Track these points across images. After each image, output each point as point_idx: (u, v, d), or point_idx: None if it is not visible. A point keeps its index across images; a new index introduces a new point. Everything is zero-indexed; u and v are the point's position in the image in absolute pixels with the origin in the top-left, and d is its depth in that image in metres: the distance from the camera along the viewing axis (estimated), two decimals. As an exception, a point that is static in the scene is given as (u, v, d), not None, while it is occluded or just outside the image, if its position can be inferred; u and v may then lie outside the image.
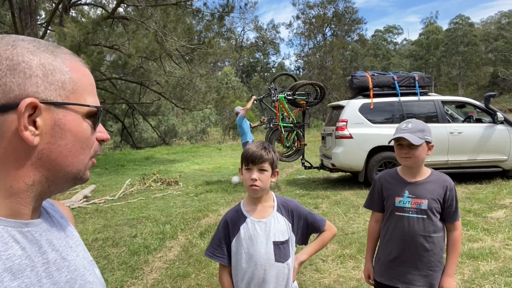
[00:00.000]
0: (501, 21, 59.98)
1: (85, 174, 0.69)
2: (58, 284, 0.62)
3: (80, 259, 0.71)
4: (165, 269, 3.93)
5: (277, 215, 1.68)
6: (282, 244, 1.63)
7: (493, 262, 3.63)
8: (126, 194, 7.80)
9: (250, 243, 1.62)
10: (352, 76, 7.62)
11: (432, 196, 1.88)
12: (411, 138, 1.83)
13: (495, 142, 7.05)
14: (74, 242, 0.74)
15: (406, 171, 1.97)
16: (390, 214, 1.96)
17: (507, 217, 4.93)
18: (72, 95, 0.64)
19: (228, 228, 1.68)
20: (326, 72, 37.41)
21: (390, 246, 1.95)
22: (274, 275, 1.60)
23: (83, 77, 0.66)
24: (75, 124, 0.64)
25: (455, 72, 56.04)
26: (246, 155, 1.67)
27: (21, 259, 0.58)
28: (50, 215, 0.73)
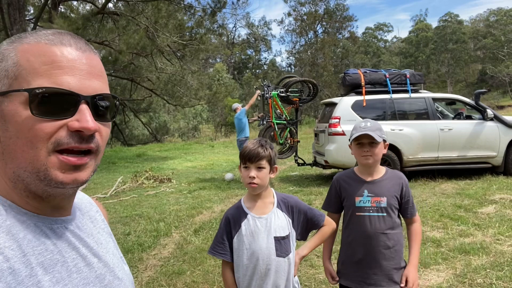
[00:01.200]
0: (490, 18, 60.67)
1: (49, 173, 0.58)
2: (87, 279, 0.63)
3: (110, 256, 0.71)
4: (160, 267, 3.93)
5: (277, 211, 1.70)
6: (283, 239, 1.65)
7: (485, 257, 3.69)
8: (118, 192, 7.75)
9: (252, 239, 1.64)
10: (344, 74, 7.66)
11: (390, 193, 1.90)
12: (374, 134, 1.85)
13: (485, 139, 7.16)
14: (105, 238, 0.75)
15: (363, 171, 1.98)
16: (351, 215, 1.95)
17: (497, 213, 5.02)
18: (15, 81, 0.57)
19: (229, 225, 1.70)
20: (318, 69, 37.49)
21: (353, 247, 1.94)
22: (275, 270, 1.62)
23: (33, 58, 0.57)
24: (13, 114, 0.56)
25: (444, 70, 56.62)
26: (243, 153, 1.69)
27: (53, 254, 0.59)
28: (82, 211, 0.73)
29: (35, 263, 0.56)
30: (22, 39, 0.60)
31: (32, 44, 0.59)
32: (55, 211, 0.64)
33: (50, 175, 0.58)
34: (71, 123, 0.58)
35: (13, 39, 0.61)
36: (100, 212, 0.80)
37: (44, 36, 0.60)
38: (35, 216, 0.61)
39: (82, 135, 0.59)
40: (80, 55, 0.61)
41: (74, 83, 0.58)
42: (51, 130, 0.57)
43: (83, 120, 0.58)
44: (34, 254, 0.56)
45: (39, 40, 0.59)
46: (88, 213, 0.75)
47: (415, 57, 58.81)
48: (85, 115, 0.59)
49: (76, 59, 0.60)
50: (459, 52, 55.69)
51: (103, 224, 0.77)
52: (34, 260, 0.56)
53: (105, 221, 0.79)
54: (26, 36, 0.60)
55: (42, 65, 0.57)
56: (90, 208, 0.77)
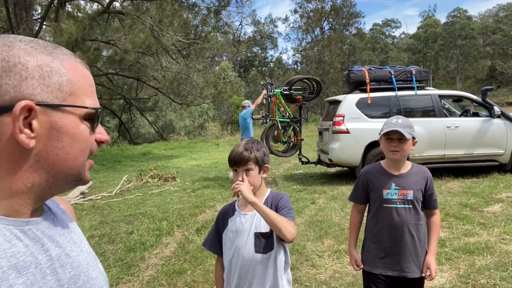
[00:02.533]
0: (499, 14, 59.81)
1: (85, 175, 0.68)
2: (62, 280, 0.63)
3: (83, 255, 0.71)
4: (161, 266, 3.93)
5: None
6: (264, 236, 1.65)
7: (489, 257, 3.63)
8: (123, 190, 7.78)
9: (236, 235, 1.67)
10: (349, 71, 7.59)
11: (416, 187, 2.01)
12: (404, 131, 1.94)
13: (492, 136, 7.05)
14: (78, 237, 0.74)
15: (391, 165, 2.08)
16: (378, 206, 2.06)
17: (503, 211, 4.94)
18: (70, 97, 0.63)
19: (221, 220, 1.77)
20: (324, 66, 37.33)
21: (380, 236, 2.05)
22: (253, 266, 1.63)
23: (82, 79, 0.66)
24: (72, 126, 0.63)
25: (453, 66, 56.12)
26: (230, 158, 1.72)
27: (25, 256, 0.58)
28: (52, 211, 0.73)
29: (7, 266, 0.55)
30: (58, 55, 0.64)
31: (73, 63, 0.66)
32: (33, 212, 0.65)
33: (86, 175, 0.69)
34: (100, 136, 0.70)
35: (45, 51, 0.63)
36: (66, 212, 0.80)
37: (73, 56, 0.67)
38: (4, 219, 0.60)
39: (101, 144, 0.71)
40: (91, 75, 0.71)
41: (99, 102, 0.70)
42: (93, 141, 0.69)
43: (103, 132, 0.71)
44: (5, 257, 0.56)
45: (75, 60, 0.67)
46: (57, 214, 0.74)
47: (423, 53, 58.30)
48: (101, 128, 0.71)
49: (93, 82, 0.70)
50: (468, 48, 55.11)
51: (72, 224, 0.77)
52: (6, 263, 0.55)
53: (73, 221, 0.79)
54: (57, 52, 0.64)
55: (88, 87, 0.67)
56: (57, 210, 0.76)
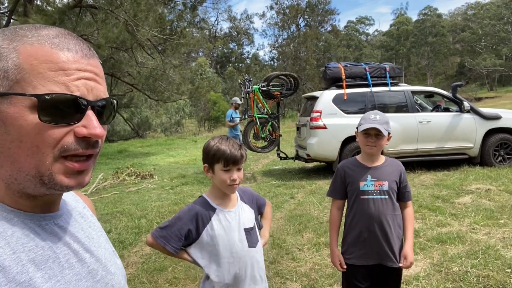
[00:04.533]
0: (468, 12, 61.87)
1: (54, 178, 0.58)
2: (80, 275, 0.62)
3: (102, 250, 0.71)
4: (141, 264, 3.90)
5: (242, 204, 1.75)
6: (251, 230, 1.70)
7: (460, 246, 3.79)
8: (99, 189, 7.64)
9: (224, 233, 1.63)
10: (325, 67, 7.70)
11: (391, 178, 2.09)
12: (382, 128, 2.00)
13: (462, 131, 7.32)
14: (96, 233, 0.73)
15: (366, 158, 2.15)
16: (355, 198, 2.11)
17: (473, 202, 5.15)
18: (17, 85, 0.55)
19: (197, 221, 1.65)
20: (300, 62, 37.61)
21: (358, 228, 2.10)
22: (250, 261, 1.66)
23: (36, 62, 0.56)
24: (17, 117, 0.55)
25: (424, 62, 57.67)
26: (224, 156, 1.62)
27: (43, 250, 0.58)
28: (71, 206, 0.72)
29: (26, 259, 0.55)
30: (22, 38, 0.57)
31: (36, 46, 0.57)
32: (45, 208, 0.63)
33: (55, 180, 0.58)
34: (79, 129, 0.58)
35: (10, 36, 0.57)
36: (87, 207, 0.79)
37: (48, 38, 0.58)
38: (22, 214, 0.59)
39: (88, 141, 0.60)
40: (85, 61, 0.60)
41: (81, 90, 0.59)
42: (59, 136, 0.57)
43: (91, 127, 0.59)
44: (24, 251, 0.56)
45: (42, 42, 0.57)
46: (76, 209, 0.74)
47: (396, 50, 59.64)
48: (92, 121, 0.59)
49: (82, 66, 0.59)
50: (439, 45, 56.76)
51: (92, 219, 0.76)
52: (25, 257, 0.55)
53: (93, 216, 0.78)
54: (26, 35, 0.57)
55: (48, 71, 0.56)
56: (77, 204, 0.75)
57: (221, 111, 29.52)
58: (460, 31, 58.92)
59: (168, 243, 1.62)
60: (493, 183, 6.03)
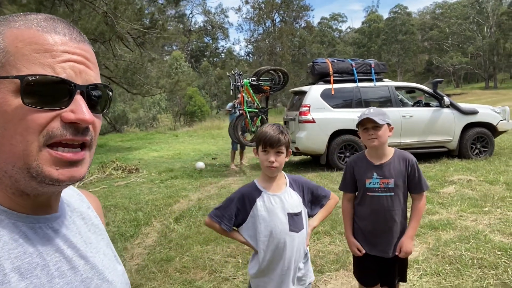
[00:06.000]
0: (436, 11, 63.96)
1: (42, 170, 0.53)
2: (72, 283, 0.57)
3: (100, 256, 0.66)
4: (147, 255, 3.94)
5: (289, 190, 1.84)
6: (296, 215, 1.80)
7: (452, 232, 4.05)
8: (85, 183, 7.52)
9: (267, 215, 1.76)
10: (313, 63, 7.88)
11: (397, 174, 2.12)
12: (376, 119, 2.06)
13: (442, 124, 7.70)
14: (96, 237, 0.68)
15: (372, 154, 2.20)
16: (362, 194, 2.20)
17: (457, 192, 5.47)
18: (1, 69, 0.52)
19: (243, 201, 1.81)
20: (276, 58, 37.87)
21: (364, 221, 2.22)
22: (289, 243, 1.76)
23: (21, 44, 0.53)
24: (1, 102, 0.52)
25: (395, 59, 59.12)
26: (264, 138, 1.77)
27: (32, 257, 0.53)
28: (72, 207, 0.68)
29: (10, 268, 0.51)
30: (9, 23, 0.55)
31: (22, 29, 0.54)
32: (40, 208, 0.59)
33: (44, 172, 0.53)
34: (66, 114, 0.54)
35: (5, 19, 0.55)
36: (92, 207, 0.73)
37: (36, 22, 0.55)
38: (14, 215, 0.55)
39: (77, 127, 0.55)
40: (74, 45, 0.57)
41: (68, 73, 0.55)
42: (44, 121, 0.53)
43: (79, 111, 0.55)
44: (9, 258, 0.51)
45: (29, 25, 0.54)
46: (79, 209, 0.69)
47: (368, 47, 60.79)
48: (80, 106, 0.55)
49: (70, 49, 0.56)
50: (408, 43, 58.34)
51: (96, 220, 0.71)
52: (9, 265, 0.51)
53: (98, 217, 0.73)
54: (14, 19, 0.55)
55: (33, 53, 0.53)
56: (81, 204, 0.70)
57: (197, 105, 29.34)
58: (429, 29, 60.87)
59: (222, 221, 1.80)
60: (472, 174, 6.40)
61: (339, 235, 4.15)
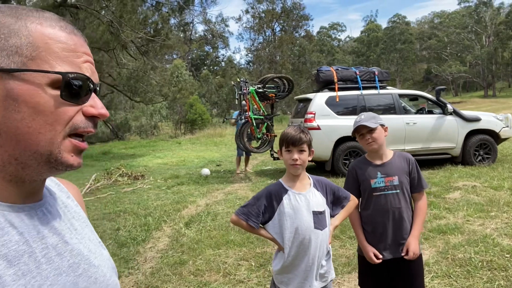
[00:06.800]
0: (434, 20, 64.57)
1: (61, 156, 0.58)
2: (59, 269, 0.58)
3: (85, 242, 0.67)
4: (160, 258, 3.99)
5: (314, 190, 1.92)
6: (320, 214, 1.88)
7: (460, 236, 4.11)
8: (92, 190, 7.58)
9: (293, 212, 1.85)
10: (318, 71, 8.00)
11: (400, 172, 2.18)
12: (368, 123, 2.14)
13: (445, 132, 7.80)
14: (80, 224, 0.70)
15: (374, 156, 2.26)
16: (368, 196, 2.21)
17: (462, 197, 5.54)
18: (31, 62, 0.55)
19: (271, 198, 1.89)
20: (276, 66, 38.10)
21: (373, 224, 2.20)
22: (314, 240, 1.84)
23: (51, 42, 0.57)
24: (32, 94, 0.54)
25: (393, 68, 59.48)
26: (286, 138, 1.88)
27: (18, 245, 0.54)
28: (54, 196, 0.68)
29: None
30: (27, 17, 0.57)
31: (46, 26, 0.57)
32: (28, 197, 0.60)
33: (62, 158, 0.58)
34: (88, 109, 0.60)
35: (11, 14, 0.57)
36: (72, 197, 0.74)
37: (55, 21, 0.59)
38: (2, 205, 0.56)
39: (95, 120, 0.62)
40: (87, 46, 0.63)
41: (88, 72, 0.61)
42: (72, 114, 0.58)
43: (99, 107, 0.61)
44: None
45: (51, 24, 0.58)
46: (60, 198, 0.70)
47: (366, 56, 61.23)
48: (98, 102, 0.61)
49: (86, 50, 0.62)
50: (407, 52, 58.80)
51: (77, 208, 0.72)
52: None
53: (78, 206, 0.74)
54: (30, 14, 0.57)
55: (62, 51, 0.57)
56: (60, 194, 0.71)
57: (198, 113, 29.46)
58: (427, 38, 61.42)
59: (249, 218, 1.88)
60: (476, 180, 6.48)
61: (349, 239, 4.21)
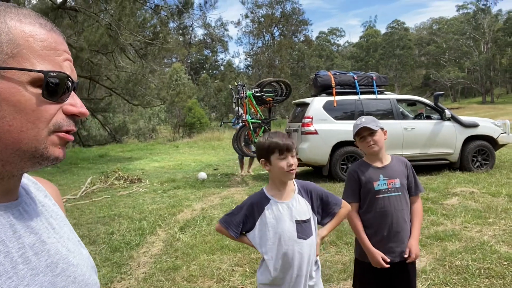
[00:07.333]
0: (433, 27, 64.85)
1: (47, 151, 0.58)
2: (36, 269, 0.57)
3: (63, 241, 0.66)
4: (153, 263, 3.93)
5: (298, 197, 1.85)
6: (304, 222, 1.80)
7: (457, 242, 4.06)
8: (88, 193, 7.51)
9: (275, 222, 1.78)
10: (316, 75, 7.97)
11: (400, 174, 2.22)
12: (370, 126, 2.17)
13: (443, 137, 7.76)
14: (58, 223, 0.68)
15: (373, 159, 2.27)
16: (370, 199, 2.19)
17: (460, 204, 5.49)
18: (12, 59, 0.54)
19: (253, 209, 1.83)
20: (275, 71, 38.15)
21: (376, 227, 2.18)
22: (298, 251, 1.76)
23: (32, 39, 0.56)
24: (13, 93, 0.53)
25: (392, 74, 59.64)
26: (279, 146, 1.79)
27: None
28: (30, 195, 0.67)
29: None
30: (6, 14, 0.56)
31: (25, 24, 0.57)
32: (3, 196, 0.59)
33: (49, 152, 0.58)
34: (68, 107, 0.60)
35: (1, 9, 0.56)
36: (50, 196, 0.73)
37: (34, 18, 0.59)
38: None
39: (76, 119, 0.62)
40: (65, 44, 0.63)
41: (68, 70, 0.60)
42: (53, 112, 0.58)
43: (79, 105, 0.61)
44: None
45: (31, 21, 0.57)
46: (38, 196, 0.69)
47: (365, 62, 61.40)
48: (78, 100, 0.62)
49: (66, 48, 0.62)
50: (406, 57, 59.02)
51: (55, 207, 0.71)
52: None
53: (56, 205, 0.73)
54: (10, 10, 0.57)
55: (43, 49, 0.57)
56: (37, 193, 0.70)
57: (196, 117, 29.46)
58: (426, 44, 61.66)
59: (230, 227, 1.86)
60: (474, 186, 6.44)
61: (345, 245, 4.16)
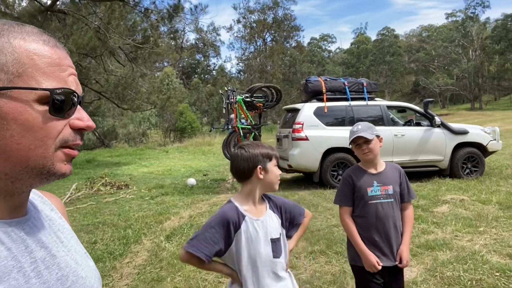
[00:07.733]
0: (422, 34, 65.69)
1: (54, 167, 0.59)
2: (48, 282, 0.59)
3: (72, 254, 0.67)
4: (137, 275, 3.79)
5: (270, 213, 1.73)
6: (278, 240, 1.69)
7: (448, 252, 4.00)
8: (73, 200, 7.33)
9: (251, 242, 1.64)
10: (306, 81, 7.92)
11: (394, 181, 2.25)
12: (366, 134, 2.18)
13: (433, 144, 7.75)
14: (65, 236, 0.70)
15: (368, 165, 2.29)
16: (363, 204, 2.22)
17: (451, 211, 5.45)
18: (18, 79, 0.55)
19: (228, 227, 1.64)
20: (267, 76, 38.21)
21: (369, 232, 2.20)
22: (272, 271, 1.66)
23: (36, 57, 0.57)
24: (20, 112, 0.55)
25: (382, 80, 60.14)
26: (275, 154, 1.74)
27: (7, 260, 0.55)
28: (38, 209, 0.69)
29: None
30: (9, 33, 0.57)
31: (29, 41, 0.58)
32: (13, 211, 0.61)
33: (55, 169, 0.59)
34: (75, 122, 0.60)
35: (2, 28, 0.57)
36: (56, 209, 0.75)
37: (37, 35, 0.60)
38: None
39: (82, 132, 0.63)
40: (69, 58, 0.63)
41: (73, 85, 0.61)
42: (61, 128, 0.59)
43: (85, 119, 0.62)
44: None
45: (34, 38, 0.58)
46: (44, 210, 0.71)
47: (356, 68, 61.85)
48: (84, 114, 0.62)
49: (70, 63, 0.62)
50: (396, 64, 59.58)
51: (61, 221, 0.73)
52: None
53: (62, 218, 0.75)
54: (11, 30, 0.57)
55: (48, 66, 0.58)
56: (44, 207, 0.72)
57: (188, 121, 29.24)
58: (415, 51, 62.40)
59: (200, 251, 1.59)
60: (464, 193, 6.41)
61: (335, 254, 4.07)
